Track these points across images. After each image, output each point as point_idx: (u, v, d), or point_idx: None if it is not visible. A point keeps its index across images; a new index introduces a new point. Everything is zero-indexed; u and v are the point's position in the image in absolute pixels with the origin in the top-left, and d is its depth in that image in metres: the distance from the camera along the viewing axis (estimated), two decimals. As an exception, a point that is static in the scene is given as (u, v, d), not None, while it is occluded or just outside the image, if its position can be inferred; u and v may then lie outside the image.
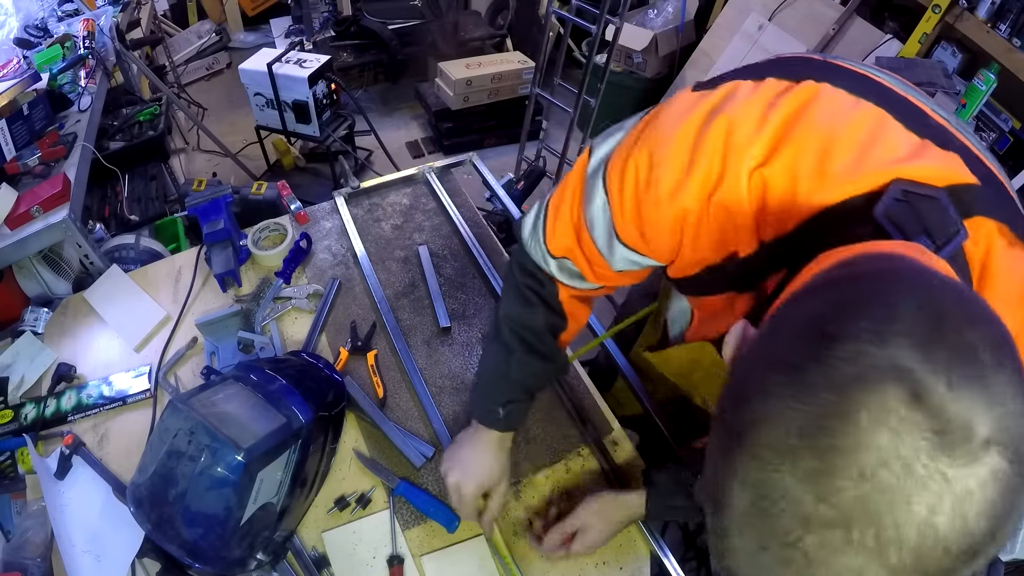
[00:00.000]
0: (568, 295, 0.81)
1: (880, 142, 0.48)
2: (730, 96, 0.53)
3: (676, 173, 0.52)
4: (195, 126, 2.81)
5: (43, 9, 2.19)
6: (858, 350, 0.30)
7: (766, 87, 0.53)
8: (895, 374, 0.29)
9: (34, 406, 1.11)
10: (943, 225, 0.44)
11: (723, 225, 0.52)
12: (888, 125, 0.49)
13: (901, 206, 0.44)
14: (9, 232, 1.30)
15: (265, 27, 3.86)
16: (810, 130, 0.49)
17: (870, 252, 0.39)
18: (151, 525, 0.82)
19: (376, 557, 0.94)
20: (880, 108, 0.50)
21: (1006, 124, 1.91)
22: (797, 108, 0.50)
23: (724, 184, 0.50)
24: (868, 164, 0.47)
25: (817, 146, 0.48)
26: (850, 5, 2.38)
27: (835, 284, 0.37)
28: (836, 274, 0.38)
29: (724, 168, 0.50)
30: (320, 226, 1.44)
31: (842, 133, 0.48)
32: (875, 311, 0.32)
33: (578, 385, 1.16)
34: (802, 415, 0.31)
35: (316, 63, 2.36)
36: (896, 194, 0.44)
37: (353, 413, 1.10)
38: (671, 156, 0.53)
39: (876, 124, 0.49)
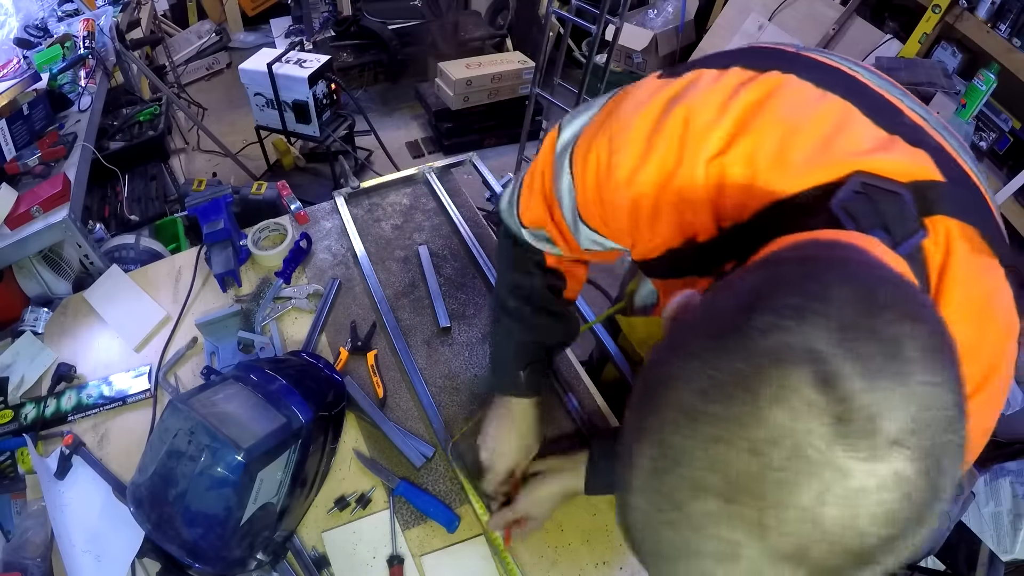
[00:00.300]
0: (555, 260, 0.83)
1: (844, 134, 0.46)
2: (692, 84, 0.53)
3: (633, 159, 0.53)
4: (195, 126, 2.81)
5: (43, 9, 2.19)
6: (776, 324, 0.30)
7: (729, 76, 0.52)
8: (808, 355, 0.29)
9: (34, 406, 1.11)
10: (902, 221, 0.43)
11: (681, 211, 0.52)
12: (854, 118, 0.48)
13: (860, 198, 0.43)
14: (9, 232, 1.30)
15: (265, 27, 3.86)
16: (771, 120, 0.48)
17: (821, 239, 0.38)
18: (151, 525, 0.82)
19: (376, 557, 0.94)
20: (847, 101, 0.49)
21: (1006, 124, 1.91)
22: (759, 98, 0.49)
23: (681, 171, 0.50)
24: (829, 155, 0.45)
25: (778, 136, 0.47)
26: (850, 5, 2.38)
27: (778, 263, 0.36)
28: (783, 255, 0.38)
29: (681, 155, 0.50)
30: (320, 226, 1.44)
31: (804, 124, 0.47)
32: (807, 289, 0.31)
33: (578, 385, 1.16)
34: (711, 380, 0.30)
35: (316, 63, 2.36)
36: (855, 186, 0.43)
37: (353, 413, 1.10)
38: (629, 142, 0.53)
39: (841, 116, 0.48)
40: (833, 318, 0.30)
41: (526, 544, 0.96)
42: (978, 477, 1.07)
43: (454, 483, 1.02)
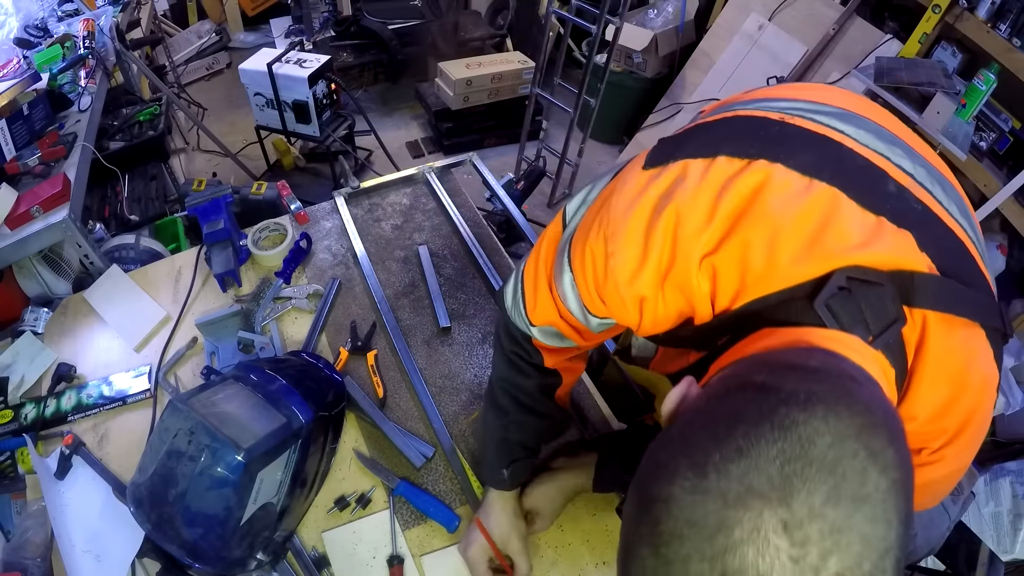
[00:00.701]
0: (554, 360, 0.82)
1: (830, 229, 0.48)
2: (680, 180, 0.53)
3: (631, 264, 0.54)
4: (195, 126, 2.81)
5: (43, 9, 2.19)
6: (749, 468, 0.34)
7: (716, 170, 0.52)
8: (774, 498, 0.33)
9: (34, 406, 1.11)
10: (883, 313, 0.46)
11: (680, 302, 0.54)
12: (841, 207, 0.49)
13: (842, 295, 0.45)
14: (9, 232, 1.30)
15: (265, 27, 3.86)
16: (760, 220, 0.49)
17: (798, 346, 0.44)
18: (151, 525, 0.82)
19: (376, 557, 0.94)
20: (834, 187, 0.50)
21: (1006, 124, 1.91)
22: (747, 196, 0.50)
23: (675, 269, 0.52)
24: (816, 253, 0.47)
25: (766, 237, 0.48)
26: (850, 5, 2.38)
27: (756, 386, 0.39)
28: (761, 372, 0.41)
29: (674, 255, 0.52)
30: (320, 226, 1.44)
31: (791, 222, 0.48)
32: (775, 431, 0.35)
33: (578, 385, 1.16)
34: (694, 511, 0.35)
35: (316, 63, 2.36)
36: (840, 282, 0.45)
37: (353, 413, 1.10)
38: (624, 248, 0.54)
39: (828, 208, 0.49)
40: (797, 461, 0.34)
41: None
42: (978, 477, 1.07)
43: (454, 483, 1.02)
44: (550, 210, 2.87)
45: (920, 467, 0.51)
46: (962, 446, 0.50)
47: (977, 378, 0.49)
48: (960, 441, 0.50)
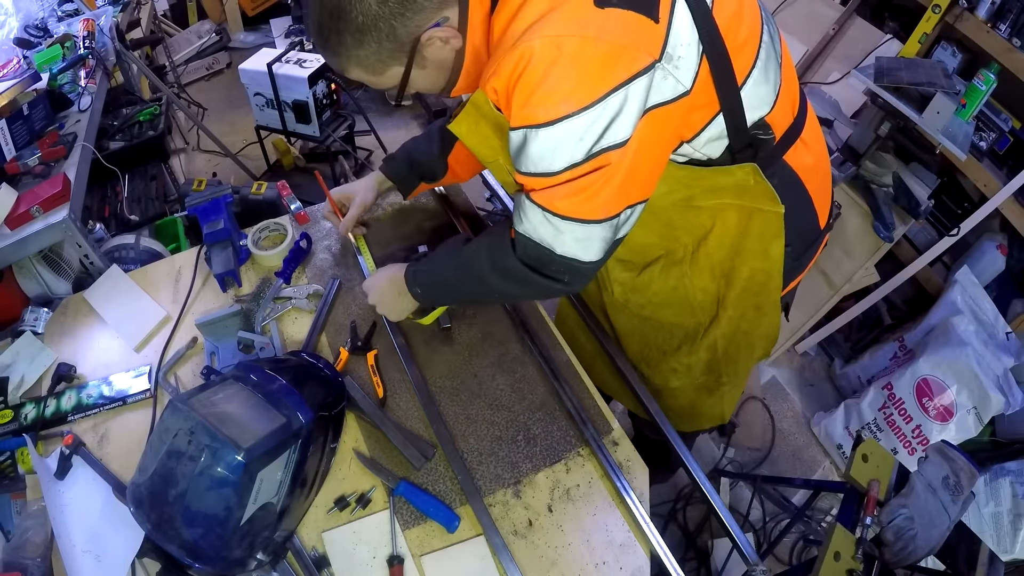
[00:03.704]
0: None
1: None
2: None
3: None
4: (195, 126, 2.81)
5: (43, 9, 2.19)
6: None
7: None
8: None
9: (34, 406, 1.11)
10: None
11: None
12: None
13: None
14: (9, 232, 1.30)
15: (265, 27, 3.86)
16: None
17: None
18: (151, 525, 0.82)
19: (376, 557, 0.94)
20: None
21: (1006, 124, 1.91)
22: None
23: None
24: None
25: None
26: (850, 5, 2.38)
27: None
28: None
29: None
30: (320, 226, 1.44)
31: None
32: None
33: (578, 385, 1.16)
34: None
35: (316, 63, 2.36)
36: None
37: (353, 413, 1.10)
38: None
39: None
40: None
41: (526, 544, 0.96)
42: (978, 477, 1.08)
43: (454, 483, 1.02)
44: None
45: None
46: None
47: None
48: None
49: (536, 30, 0.70)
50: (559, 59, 0.68)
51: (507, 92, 0.74)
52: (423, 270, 1.05)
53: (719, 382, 1.20)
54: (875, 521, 1.00)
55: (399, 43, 0.77)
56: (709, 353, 1.14)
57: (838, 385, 2.30)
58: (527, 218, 0.80)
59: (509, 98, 0.74)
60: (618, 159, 0.74)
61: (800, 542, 1.82)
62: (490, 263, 0.90)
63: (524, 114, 0.73)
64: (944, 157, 1.79)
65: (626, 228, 0.82)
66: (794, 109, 0.93)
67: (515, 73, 0.71)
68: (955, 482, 1.04)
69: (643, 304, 1.11)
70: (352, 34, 0.75)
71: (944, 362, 1.77)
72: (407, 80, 0.82)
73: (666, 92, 0.75)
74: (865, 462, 1.09)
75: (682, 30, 0.74)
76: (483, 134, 0.87)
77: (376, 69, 0.81)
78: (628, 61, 0.70)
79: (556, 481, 1.03)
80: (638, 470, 1.05)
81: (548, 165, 0.75)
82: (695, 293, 1.05)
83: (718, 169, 0.87)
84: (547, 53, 0.68)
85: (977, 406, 1.72)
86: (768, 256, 0.97)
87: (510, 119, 0.76)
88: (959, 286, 1.93)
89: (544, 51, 0.68)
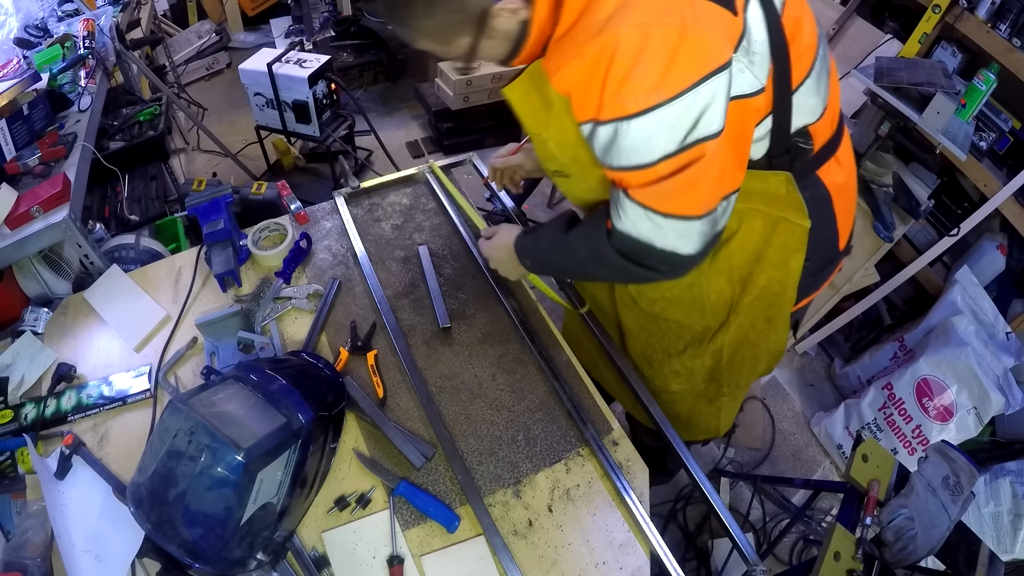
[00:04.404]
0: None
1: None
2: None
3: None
4: (195, 126, 2.81)
5: (43, 9, 2.19)
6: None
7: None
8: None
9: (34, 406, 1.11)
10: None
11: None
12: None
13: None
14: (9, 232, 1.30)
15: (265, 27, 3.86)
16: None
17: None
18: (151, 525, 0.82)
19: (376, 557, 0.94)
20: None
21: (1006, 124, 1.91)
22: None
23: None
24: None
25: None
26: (850, 5, 2.38)
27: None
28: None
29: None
30: (320, 226, 1.44)
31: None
32: None
33: (578, 385, 1.16)
34: None
35: (316, 63, 2.36)
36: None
37: (353, 413, 1.10)
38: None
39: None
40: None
41: (526, 544, 0.96)
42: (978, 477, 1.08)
43: (454, 483, 1.02)
44: (550, 210, 2.87)
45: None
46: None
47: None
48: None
49: (621, 17, 0.69)
50: (647, 48, 0.68)
51: (589, 81, 0.73)
52: (530, 245, 1.07)
53: (719, 392, 1.20)
54: (875, 521, 1.00)
55: (468, 14, 0.77)
56: (714, 360, 1.14)
57: (838, 385, 2.30)
58: (626, 215, 0.80)
59: (591, 87, 0.73)
60: (712, 150, 0.73)
61: (800, 542, 1.82)
62: (588, 252, 0.92)
63: (615, 105, 0.72)
64: (944, 157, 1.79)
65: (723, 220, 0.81)
66: (834, 125, 0.94)
67: (601, 62, 0.70)
68: (955, 482, 1.04)
69: (655, 299, 1.10)
70: (422, 5, 0.77)
71: (944, 362, 1.77)
72: (475, 50, 0.84)
73: (744, 86, 0.76)
74: (865, 462, 1.09)
75: (756, 27, 0.75)
76: (532, 105, 0.91)
77: (445, 39, 0.83)
78: (716, 51, 0.70)
79: (556, 481, 1.03)
80: (638, 470, 1.05)
81: (642, 157, 0.74)
82: (709, 294, 1.04)
83: (753, 173, 0.87)
84: (634, 41, 0.68)
85: (977, 406, 1.72)
86: (787, 268, 0.97)
87: (595, 110, 0.75)
88: (959, 286, 1.93)
89: (631, 39, 0.68)
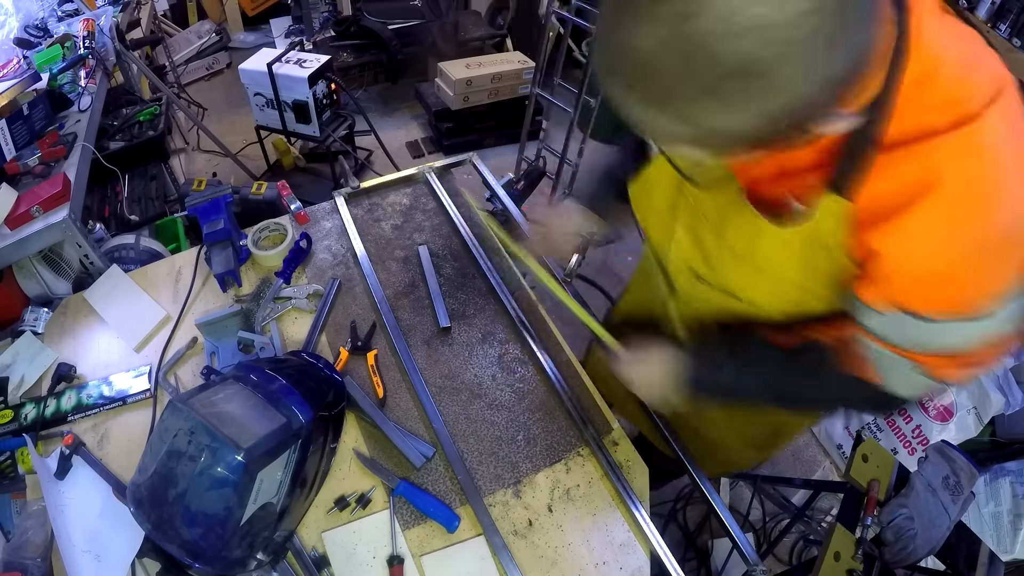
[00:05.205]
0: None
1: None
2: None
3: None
4: (195, 126, 2.81)
5: (43, 9, 2.19)
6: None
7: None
8: None
9: (34, 406, 1.11)
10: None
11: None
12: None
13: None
14: (9, 232, 1.30)
15: (265, 27, 3.86)
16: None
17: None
18: (151, 525, 0.82)
19: (376, 557, 0.94)
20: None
21: (1006, 124, 1.91)
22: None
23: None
24: None
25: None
26: (850, 5, 2.38)
27: None
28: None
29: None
30: (320, 226, 1.44)
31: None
32: None
33: (578, 385, 1.16)
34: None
35: (316, 63, 2.36)
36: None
37: (353, 413, 1.10)
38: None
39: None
40: None
41: (526, 544, 0.96)
42: (978, 477, 1.08)
43: (454, 483, 1.02)
44: (550, 210, 2.87)
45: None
46: (1001, 114, 0.54)
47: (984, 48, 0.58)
48: (997, 107, 0.54)
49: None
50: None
51: (941, 280, 0.58)
52: (718, 381, 0.86)
53: (774, 444, 1.17)
54: (875, 521, 1.00)
55: (796, 126, 0.49)
56: (782, 420, 1.09)
57: (838, 385, 2.30)
58: (907, 384, 0.70)
59: (936, 285, 0.58)
60: (1010, 341, 0.64)
61: (800, 542, 1.82)
62: (849, 398, 0.82)
63: (973, 304, 0.58)
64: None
65: None
66: None
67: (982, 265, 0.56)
68: (955, 482, 1.05)
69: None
70: (747, 107, 0.46)
71: (944, 362, 1.77)
72: (745, 165, 0.61)
73: None
74: (865, 462, 1.09)
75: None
76: (791, 248, 0.67)
77: (729, 150, 0.52)
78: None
79: (556, 481, 1.03)
80: (638, 470, 1.05)
81: (964, 347, 0.64)
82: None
83: None
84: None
85: (977, 406, 1.72)
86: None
87: (920, 305, 0.60)
88: (959, 286, 1.93)
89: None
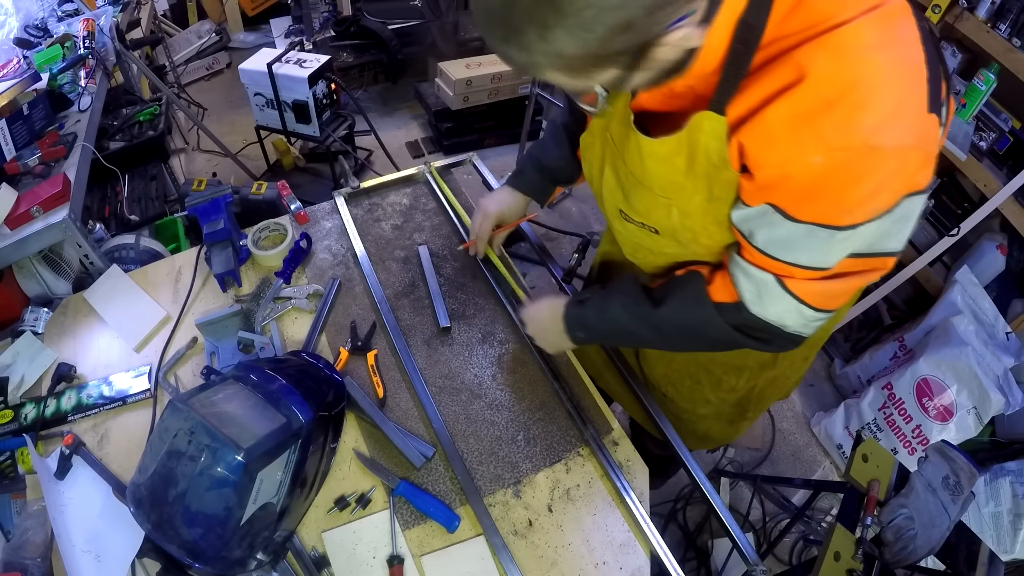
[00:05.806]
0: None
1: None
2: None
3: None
4: (195, 126, 2.81)
5: (43, 9, 2.19)
6: None
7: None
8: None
9: (34, 406, 1.11)
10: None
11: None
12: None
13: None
14: (9, 232, 1.30)
15: (265, 27, 3.86)
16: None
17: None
18: (151, 525, 0.82)
19: (376, 557, 0.94)
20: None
21: (1006, 124, 1.91)
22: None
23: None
24: None
25: None
26: (850, 5, 2.38)
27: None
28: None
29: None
30: (320, 226, 1.44)
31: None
32: None
33: (578, 385, 1.16)
34: None
35: (316, 63, 2.36)
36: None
37: (353, 413, 1.10)
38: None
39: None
40: None
41: (526, 544, 0.96)
42: (978, 477, 1.08)
43: (454, 483, 1.02)
44: (550, 210, 2.87)
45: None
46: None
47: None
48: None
49: (890, 132, 0.60)
50: (897, 172, 0.62)
51: (816, 183, 0.63)
52: (590, 315, 0.97)
53: (743, 416, 1.18)
54: (875, 521, 1.00)
55: (629, 43, 0.56)
56: (747, 390, 1.11)
57: (838, 385, 2.30)
58: (772, 302, 0.74)
59: (816, 189, 0.63)
60: (881, 265, 0.70)
61: (800, 542, 1.82)
62: (684, 324, 0.86)
63: (837, 211, 0.64)
64: (944, 157, 1.79)
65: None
66: None
67: (845, 177, 0.61)
68: (955, 482, 1.05)
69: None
70: (569, 30, 0.54)
71: (944, 362, 1.77)
72: (622, 83, 0.64)
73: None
74: (865, 462, 1.09)
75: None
76: (675, 165, 0.74)
77: (585, 72, 0.60)
78: (929, 171, 0.65)
79: (556, 481, 1.03)
80: (638, 470, 1.05)
81: (824, 261, 0.69)
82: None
83: None
84: (891, 167, 0.62)
85: (977, 406, 1.72)
86: (839, 313, 0.93)
87: (798, 208, 0.65)
88: (959, 286, 1.94)
89: (887, 165, 0.62)
